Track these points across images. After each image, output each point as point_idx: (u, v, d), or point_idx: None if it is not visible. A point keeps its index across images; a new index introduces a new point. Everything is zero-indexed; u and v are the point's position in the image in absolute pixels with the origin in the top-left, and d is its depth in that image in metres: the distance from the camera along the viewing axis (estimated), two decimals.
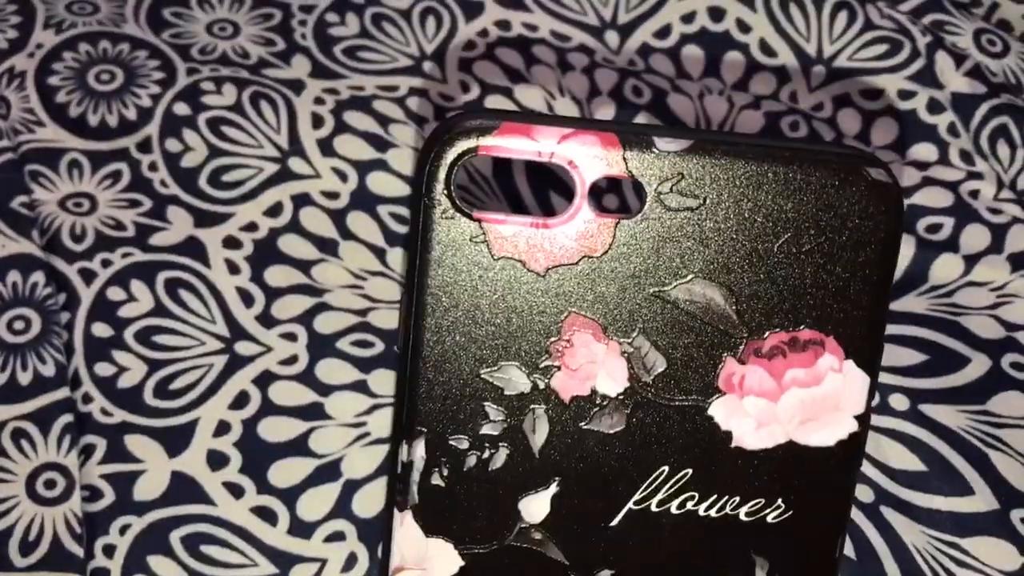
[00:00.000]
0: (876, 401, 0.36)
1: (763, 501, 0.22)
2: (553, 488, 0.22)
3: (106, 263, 0.39)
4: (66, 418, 0.36)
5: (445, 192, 0.21)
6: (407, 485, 0.22)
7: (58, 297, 0.38)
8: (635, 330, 0.21)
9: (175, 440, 0.35)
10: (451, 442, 0.22)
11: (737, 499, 0.22)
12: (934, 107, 0.43)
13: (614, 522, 0.22)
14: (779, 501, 0.22)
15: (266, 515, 0.34)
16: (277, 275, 0.39)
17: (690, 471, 0.22)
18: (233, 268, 0.39)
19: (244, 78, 0.43)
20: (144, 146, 0.42)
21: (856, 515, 0.34)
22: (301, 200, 0.41)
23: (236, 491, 0.35)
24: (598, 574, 0.22)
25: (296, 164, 0.41)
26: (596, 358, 0.22)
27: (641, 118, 0.42)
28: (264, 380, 0.37)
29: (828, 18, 0.44)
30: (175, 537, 0.34)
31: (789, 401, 0.22)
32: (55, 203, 0.40)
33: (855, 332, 0.22)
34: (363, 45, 0.44)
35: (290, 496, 0.35)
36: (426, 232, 0.21)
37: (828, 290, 0.22)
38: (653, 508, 0.22)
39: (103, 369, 0.36)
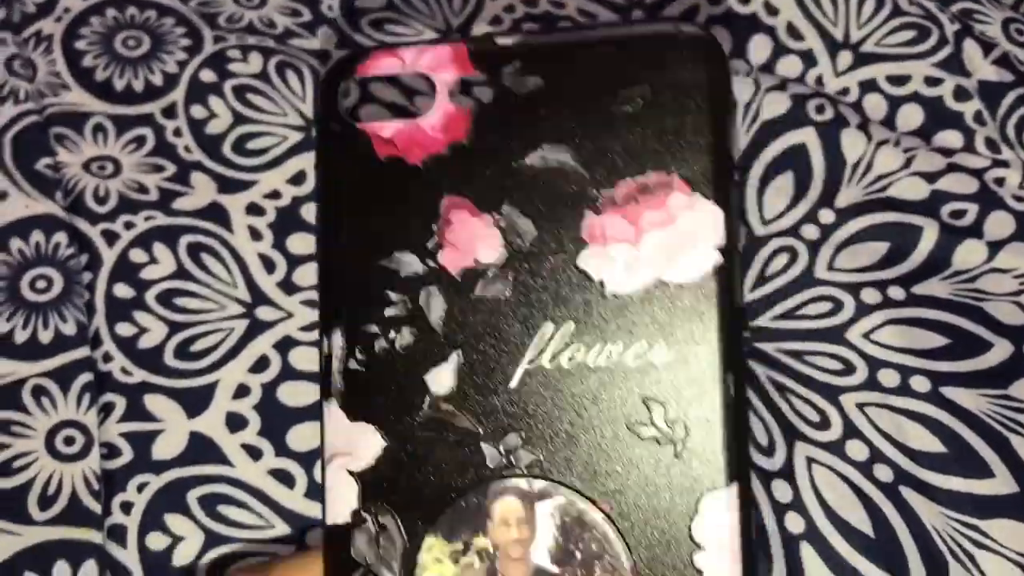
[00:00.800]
0: (897, 382, 0.36)
1: (645, 344, 0.23)
2: (454, 359, 0.24)
3: (129, 225, 0.39)
4: (86, 376, 0.36)
5: (333, 110, 0.25)
6: (330, 375, 0.24)
7: (80, 258, 0.38)
8: (503, 201, 0.24)
9: (194, 401, 0.35)
10: (362, 328, 0.24)
11: (621, 345, 0.23)
12: (961, 95, 0.43)
13: (513, 383, 0.24)
14: (660, 342, 0.23)
15: (283, 478, 0.34)
16: (299, 243, 0.39)
17: (572, 324, 0.23)
18: (256, 234, 0.39)
19: (270, 47, 0.43)
20: (169, 112, 0.42)
21: (875, 495, 0.34)
22: None
23: (254, 453, 0.35)
24: (507, 438, 0.24)
25: None
26: (474, 232, 0.24)
27: None
28: (284, 345, 0.37)
29: (856, 3, 0.44)
30: (192, 496, 0.34)
31: (649, 242, 0.23)
32: (79, 165, 0.40)
33: (700, 169, 0.23)
34: (389, 18, 0.44)
35: (308, 460, 0.35)
36: (321, 146, 0.25)
37: (667, 135, 0.23)
38: (545, 364, 0.23)
39: (124, 329, 0.36)
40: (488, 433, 0.24)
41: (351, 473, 0.24)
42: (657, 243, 0.23)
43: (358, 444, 0.24)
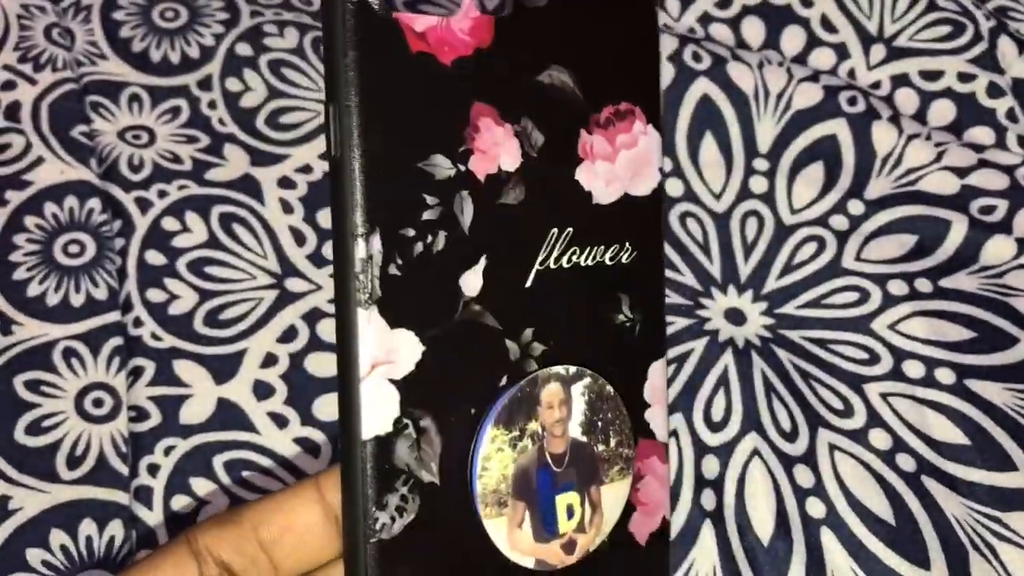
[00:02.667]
0: (922, 373, 0.36)
1: (618, 246, 0.27)
2: (483, 262, 0.25)
3: (162, 194, 0.39)
4: (116, 341, 0.36)
5: None
6: (369, 280, 0.24)
7: (113, 224, 0.38)
8: (521, 113, 0.25)
9: (223, 368, 0.36)
10: (400, 232, 0.24)
11: (602, 247, 0.27)
12: (994, 91, 0.43)
13: (527, 284, 0.26)
14: (627, 244, 0.27)
15: (308, 447, 0.35)
16: (329, 217, 0.39)
17: (571, 229, 0.26)
18: (287, 207, 0.39)
19: (306, 23, 0.43)
20: (204, 84, 0.42)
21: (898, 484, 0.34)
22: None
23: (280, 422, 0.35)
24: (523, 333, 0.26)
25: None
26: (498, 139, 0.25)
27: (701, 83, 0.42)
28: (313, 316, 0.37)
29: None
30: (218, 461, 0.34)
31: (622, 161, 0.27)
32: (114, 134, 0.40)
33: (651, 101, 0.27)
34: None
35: (333, 429, 0.35)
36: (348, 34, 0.23)
37: (630, 70, 0.27)
38: (551, 265, 0.26)
39: (155, 295, 0.37)
40: (509, 330, 0.25)
41: (392, 381, 0.23)
42: (626, 161, 0.27)
43: (400, 351, 0.24)
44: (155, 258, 0.38)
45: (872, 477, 0.34)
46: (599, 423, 0.26)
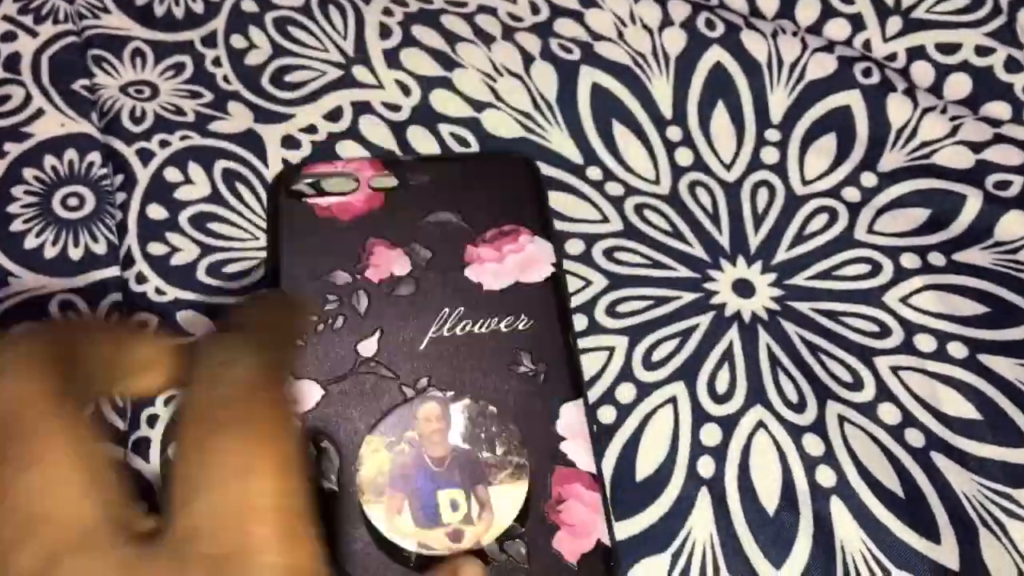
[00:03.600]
0: (934, 347, 0.36)
1: (512, 318, 0.34)
2: (377, 334, 0.34)
3: (164, 143, 0.38)
4: (115, 296, 0.36)
5: (284, 192, 0.36)
6: None
7: (114, 179, 0.38)
8: (411, 240, 0.36)
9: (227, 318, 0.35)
10: (311, 318, 0.34)
11: (496, 319, 0.34)
12: (1012, 66, 0.42)
13: (422, 347, 0.34)
14: (523, 316, 0.34)
15: None
16: None
17: (462, 308, 0.34)
18: None
19: None
20: (209, 40, 0.41)
21: (906, 459, 0.34)
22: (361, 108, 0.40)
23: None
24: (419, 382, 0.33)
25: (360, 72, 0.41)
26: (390, 256, 0.35)
27: (714, 51, 0.41)
28: None
29: None
30: None
31: (510, 262, 0.35)
32: (116, 88, 0.40)
33: (536, 222, 0.36)
34: None
35: None
36: (275, 216, 0.36)
37: (513, 201, 0.37)
38: (445, 333, 0.34)
39: (156, 248, 0.36)
40: (405, 379, 0.33)
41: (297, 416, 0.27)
42: (514, 262, 0.35)
43: (303, 394, 0.33)
44: (157, 212, 0.37)
45: (881, 451, 0.34)
46: (482, 434, 0.31)
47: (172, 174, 0.38)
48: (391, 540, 0.29)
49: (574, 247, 0.37)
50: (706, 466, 0.33)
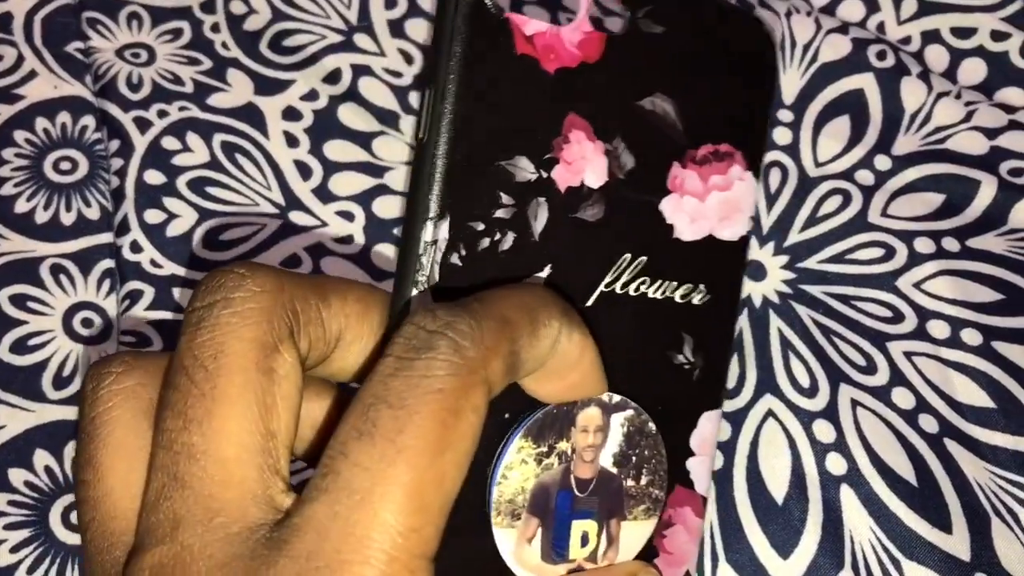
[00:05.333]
0: (947, 334, 0.35)
1: (691, 286, 0.27)
2: (547, 271, 0.25)
3: (162, 113, 0.37)
4: (107, 262, 0.34)
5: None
6: (430, 264, 0.23)
7: (109, 144, 0.37)
8: (615, 133, 0.25)
9: None
10: (470, 224, 0.24)
11: (675, 284, 0.26)
12: None
13: (589, 302, 0.25)
14: (702, 286, 0.27)
15: None
16: (336, 150, 0.37)
17: (645, 258, 0.26)
18: (292, 141, 0.37)
19: None
20: (208, 6, 0.40)
21: (919, 444, 0.33)
22: (361, 70, 0.39)
23: None
24: None
25: (362, 40, 0.40)
26: (587, 154, 0.25)
27: None
28: (317, 251, 0.35)
29: None
30: None
31: (712, 201, 0.27)
32: (112, 52, 0.39)
33: (754, 149, 0.27)
34: None
35: None
36: (457, 25, 0.23)
37: (739, 114, 0.27)
38: (617, 290, 0.26)
39: (153, 216, 0.35)
40: None
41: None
42: (716, 202, 0.27)
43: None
44: (154, 177, 0.36)
45: (894, 436, 0.33)
46: (633, 458, 0.26)
47: (170, 142, 0.36)
48: (514, 573, 0.24)
49: None
50: (715, 460, 0.32)
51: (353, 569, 0.17)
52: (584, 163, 0.25)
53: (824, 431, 0.33)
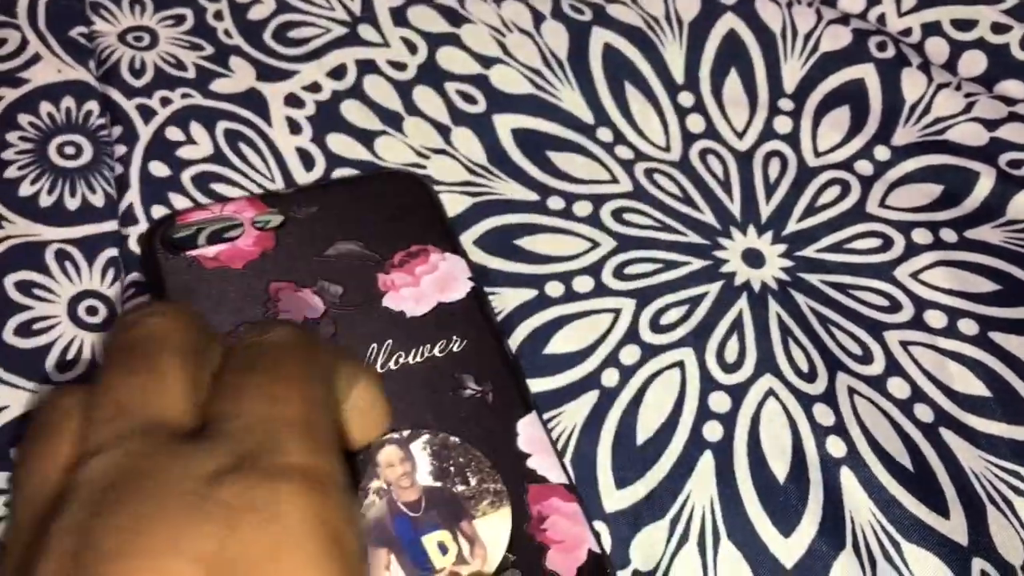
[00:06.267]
0: (944, 324, 0.35)
1: (444, 341, 0.32)
2: None
3: (165, 101, 0.37)
4: (111, 251, 0.35)
5: (162, 247, 0.32)
6: None
7: (112, 129, 0.37)
8: (316, 279, 0.32)
9: None
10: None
11: (428, 345, 0.32)
12: None
13: None
14: (454, 337, 0.32)
15: None
16: (339, 144, 0.38)
17: (390, 341, 0.32)
18: (295, 127, 0.38)
19: None
20: None
21: (915, 434, 0.33)
22: (366, 66, 0.39)
23: None
24: None
25: (365, 31, 0.40)
26: (297, 301, 0.32)
27: (727, 18, 0.41)
28: None
29: None
30: None
31: (427, 283, 0.33)
32: (115, 36, 0.39)
33: (442, 238, 0.34)
34: None
35: None
36: (159, 268, 0.32)
37: (417, 223, 0.34)
38: (378, 368, 0.31)
39: (160, 212, 0.35)
40: None
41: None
42: (431, 282, 0.33)
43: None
44: (160, 169, 0.36)
45: (890, 425, 0.33)
46: (451, 467, 0.29)
47: (174, 133, 0.37)
48: None
49: (582, 209, 0.37)
50: (713, 431, 0.33)
51: (279, 435, 0.21)
52: (299, 305, 0.32)
53: (823, 414, 0.33)
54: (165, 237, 0.33)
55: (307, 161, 0.37)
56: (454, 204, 0.37)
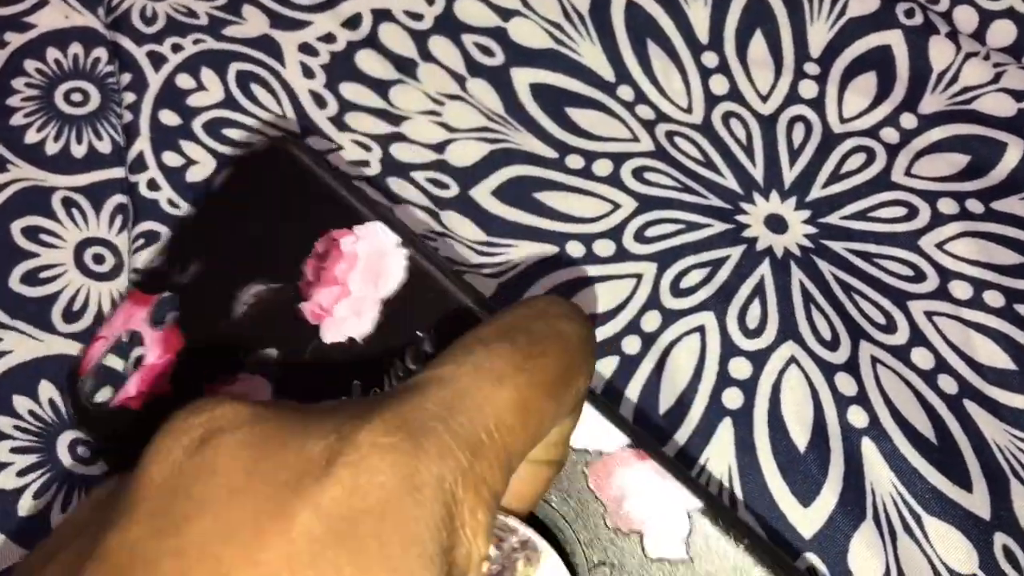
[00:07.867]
0: (969, 295, 0.35)
1: (413, 346, 0.26)
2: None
3: (176, 48, 0.36)
4: (119, 198, 0.34)
5: (90, 406, 0.29)
6: None
7: (121, 77, 0.36)
8: (241, 363, 0.28)
9: None
10: None
11: (398, 361, 0.26)
12: None
13: None
14: (419, 334, 0.27)
15: None
16: (352, 92, 0.37)
17: (356, 381, 0.26)
18: (308, 72, 0.37)
19: None
20: None
21: (938, 404, 0.33)
22: (381, 15, 0.38)
23: None
24: None
25: None
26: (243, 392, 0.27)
27: None
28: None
29: None
30: None
31: (355, 284, 0.27)
32: None
33: (351, 214, 0.28)
34: None
35: None
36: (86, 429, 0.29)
37: (312, 214, 0.29)
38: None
39: (171, 159, 0.34)
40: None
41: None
42: (358, 282, 0.27)
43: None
44: (169, 118, 0.35)
45: (913, 395, 0.33)
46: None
47: (184, 80, 0.36)
48: None
49: (602, 168, 0.36)
50: (733, 398, 0.32)
51: (460, 419, 0.18)
52: (247, 394, 0.27)
53: (846, 384, 0.32)
54: (81, 399, 0.29)
55: (320, 102, 0.36)
56: (470, 152, 0.36)
